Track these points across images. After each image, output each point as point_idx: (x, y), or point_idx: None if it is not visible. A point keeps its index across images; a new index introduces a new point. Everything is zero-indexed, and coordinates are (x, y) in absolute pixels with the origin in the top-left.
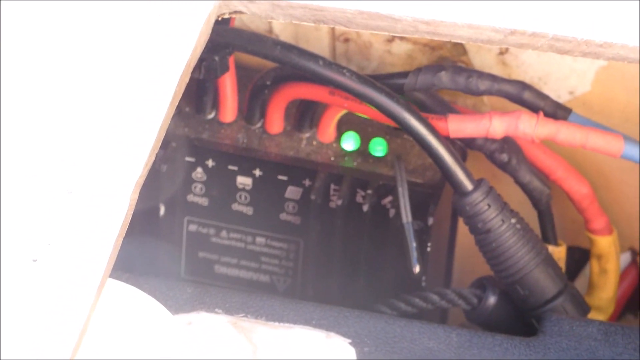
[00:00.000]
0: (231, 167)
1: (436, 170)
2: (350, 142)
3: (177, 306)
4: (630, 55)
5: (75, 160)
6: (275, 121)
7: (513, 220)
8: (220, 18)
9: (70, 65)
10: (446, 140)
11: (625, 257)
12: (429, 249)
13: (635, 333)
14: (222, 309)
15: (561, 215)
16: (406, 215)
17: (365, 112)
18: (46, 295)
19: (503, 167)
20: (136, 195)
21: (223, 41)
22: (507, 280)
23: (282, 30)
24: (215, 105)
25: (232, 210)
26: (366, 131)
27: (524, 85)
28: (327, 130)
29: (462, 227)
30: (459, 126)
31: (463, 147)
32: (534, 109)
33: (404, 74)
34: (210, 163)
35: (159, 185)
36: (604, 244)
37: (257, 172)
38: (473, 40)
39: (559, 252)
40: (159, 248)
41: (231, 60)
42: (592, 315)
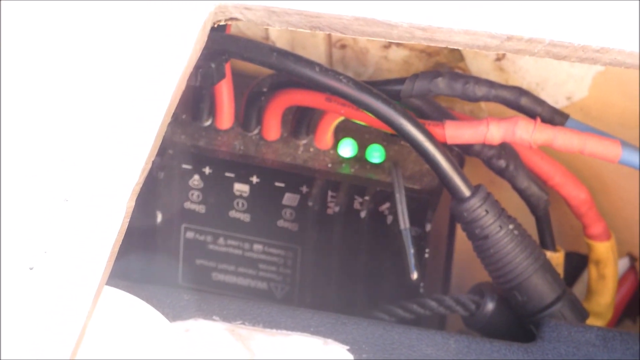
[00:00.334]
0: (228, 174)
1: (433, 177)
2: (347, 149)
3: (175, 313)
4: (628, 61)
5: (71, 168)
6: (272, 128)
7: (511, 226)
8: (216, 25)
9: (67, 73)
10: (443, 147)
11: (624, 263)
12: (426, 255)
13: (633, 339)
14: (220, 316)
15: (559, 220)
16: (404, 222)
17: (362, 118)
18: (43, 303)
19: (501, 173)
20: (133, 203)
21: (219, 48)
22: (505, 286)
23: (278, 37)
24: (212, 112)
25: (229, 217)
26: (363, 138)
27: (521, 91)
28: (324, 137)
29: (460, 233)
30: (456, 132)
31: (460, 153)
32: (531, 114)
33: (401, 80)
34: (207, 170)
35: (156, 192)
36: (602, 249)
37: (254, 179)
38: (469, 46)
39: (557, 258)
40: (156, 255)
41: (227, 67)
42: (591, 321)
